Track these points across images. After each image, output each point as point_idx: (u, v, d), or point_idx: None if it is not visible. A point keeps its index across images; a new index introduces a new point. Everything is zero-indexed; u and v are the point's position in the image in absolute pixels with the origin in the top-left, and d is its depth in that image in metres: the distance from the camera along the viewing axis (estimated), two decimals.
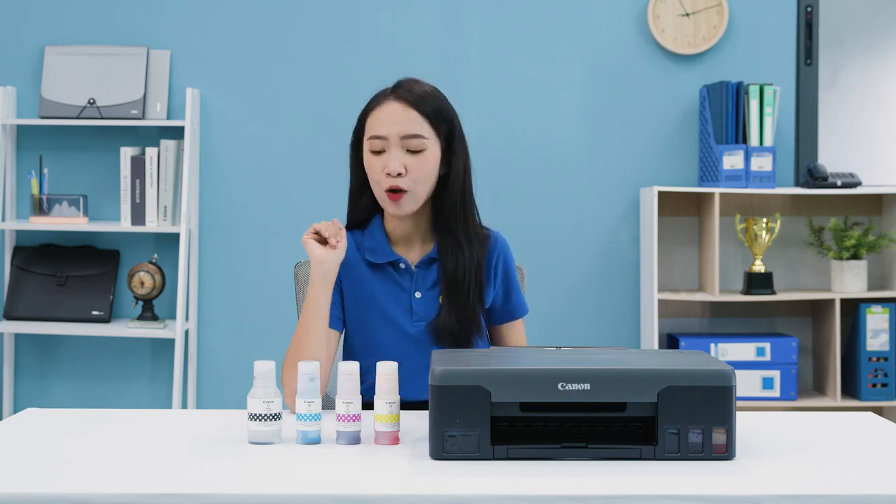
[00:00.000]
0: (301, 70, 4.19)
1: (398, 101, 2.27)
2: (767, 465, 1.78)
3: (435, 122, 2.27)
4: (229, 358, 4.21)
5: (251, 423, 1.91)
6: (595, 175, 4.18)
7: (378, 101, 2.30)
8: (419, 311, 2.30)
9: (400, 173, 2.23)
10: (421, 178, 2.26)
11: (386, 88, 2.32)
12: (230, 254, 4.21)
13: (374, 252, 2.32)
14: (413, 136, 2.25)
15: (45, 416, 2.16)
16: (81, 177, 4.21)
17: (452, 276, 2.28)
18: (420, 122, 2.26)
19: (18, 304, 4.15)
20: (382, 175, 2.25)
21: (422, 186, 2.27)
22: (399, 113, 2.26)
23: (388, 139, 2.25)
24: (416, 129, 2.25)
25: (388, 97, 2.28)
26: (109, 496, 1.61)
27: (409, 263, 2.32)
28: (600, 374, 1.79)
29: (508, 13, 4.17)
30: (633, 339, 4.14)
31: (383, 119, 2.26)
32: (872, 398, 3.95)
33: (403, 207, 2.27)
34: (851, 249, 3.98)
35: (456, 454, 1.78)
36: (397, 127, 2.25)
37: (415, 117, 2.26)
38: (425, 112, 2.26)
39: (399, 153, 2.24)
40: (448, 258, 2.29)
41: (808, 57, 4.17)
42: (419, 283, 2.31)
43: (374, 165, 2.27)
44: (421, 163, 2.25)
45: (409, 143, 2.25)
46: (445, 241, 2.31)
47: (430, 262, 2.32)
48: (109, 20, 4.19)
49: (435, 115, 2.27)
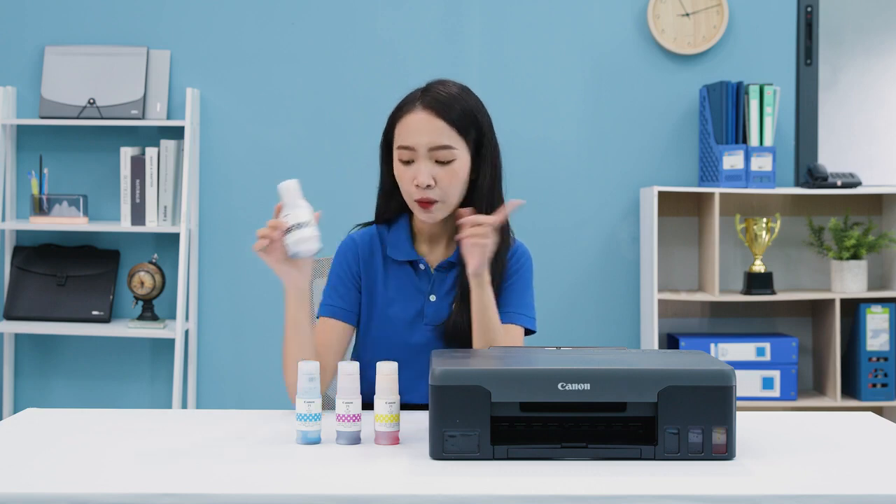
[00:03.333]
0: (301, 70, 4.19)
1: (425, 111, 2.21)
2: (767, 465, 1.78)
3: (463, 129, 2.23)
4: (229, 358, 4.21)
5: (287, 235, 2.07)
6: (595, 175, 4.18)
7: (407, 107, 2.24)
8: (430, 315, 2.27)
9: (429, 185, 2.20)
10: (450, 188, 2.23)
11: (415, 91, 2.27)
12: (230, 254, 4.21)
13: (396, 248, 2.30)
14: (441, 148, 2.21)
15: (45, 416, 2.16)
16: (81, 177, 4.21)
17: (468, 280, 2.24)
18: (448, 133, 2.21)
19: (18, 304, 4.15)
20: (412, 186, 2.22)
21: (452, 195, 2.24)
22: (426, 123, 2.21)
23: (416, 150, 2.21)
24: (444, 140, 2.21)
25: (415, 104, 2.23)
26: (109, 496, 1.61)
27: (428, 266, 2.30)
28: (600, 374, 1.79)
29: (508, 12, 4.17)
30: (633, 339, 4.14)
31: (411, 129, 2.22)
32: (872, 398, 3.95)
33: (435, 215, 2.24)
34: (851, 249, 3.98)
35: (456, 454, 1.78)
36: (425, 138, 2.21)
37: (442, 127, 2.21)
38: (452, 120, 2.22)
39: (428, 165, 2.21)
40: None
41: (808, 57, 4.17)
42: (436, 287, 2.29)
43: (403, 175, 2.23)
44: (450, 173, 2.22)
45: (438, 155, 2.21)
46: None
47: (450, 267, 2.29)
48: (109, 20, 4.19)
49: (463, 122, 2.23)
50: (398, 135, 2.24)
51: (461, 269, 2.26)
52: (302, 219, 2.06)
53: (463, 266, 2.24)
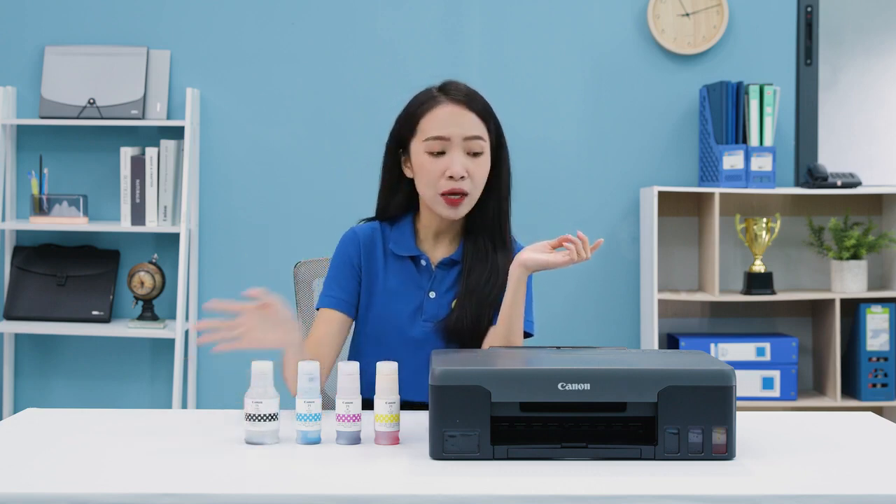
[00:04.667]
0: (301, 70, 4.19)
1: (454, 104, 2.24)
2: (767, 465, 1.78)
3: (488, 123, 2.27)
4: (229, 358, 4.18)
5: (248, 423, 1.91)
6: (595, 175, 4.18)
7: (431, 102, 2.25)
8: (429, 312, 2.27)
9: (463, 176, 2.22)
10: (480, 180, 2.25)
11: (430, 89, 2.28)
12: (230, 254, 4.21)
13: (398, 243, 2.30)
14: (475, 138, 2.23)
15: (45, 416, 2.16)
16: (81, 177, 4.21)
17: (475, 284, 2.25)
18: (478, 123, 2.25)
19: (18, 304, 4.15)
20: (441, 178, 2.22)
21: (479, 189, 2.26)
22: (459, 115, 2.23)
23: (450, 140, 2.22)
24: (476, 130, 2.24)
25: (441, 98, 2.25)
26: (109, 496, 1.61)
27: (430, 262, 2.30)
28: (600, 374, 1.79)
29: (508, 12, 4.17)
30: (633, 339, 4.14)
31: (444, 120, 2.23)
32: (872, 398, 3.95)
33: (461, 210, 2.25)
34: (851, 249, 3.98)
35: (456, 454, 1.78)
36: (459, 129, 2.23)
37: (473, 118, 2.24)
38: (479, 112, 2.25)
39: (461, 156, 2.22)
40: (474, 264, 2.27)
41: (808, 57, 4.17)
42: (436, 284, 2.29)
43: (431, 168, 2.23)
44: (481, 165, 2.25)
45: (471, 145, 2.23)
46: (475, 245, 2.29)
47: (452, 264, 2.30)
48: (109, 20, 4.19)
49: (487, 116, 2.27)
50: (426, 128, 2.24)
51: (462, 268, 2.26)
52: (274, 410, 1.93)
53: (464, 264, 2.25)
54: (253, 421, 1.90)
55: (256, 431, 1.90)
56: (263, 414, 1.90)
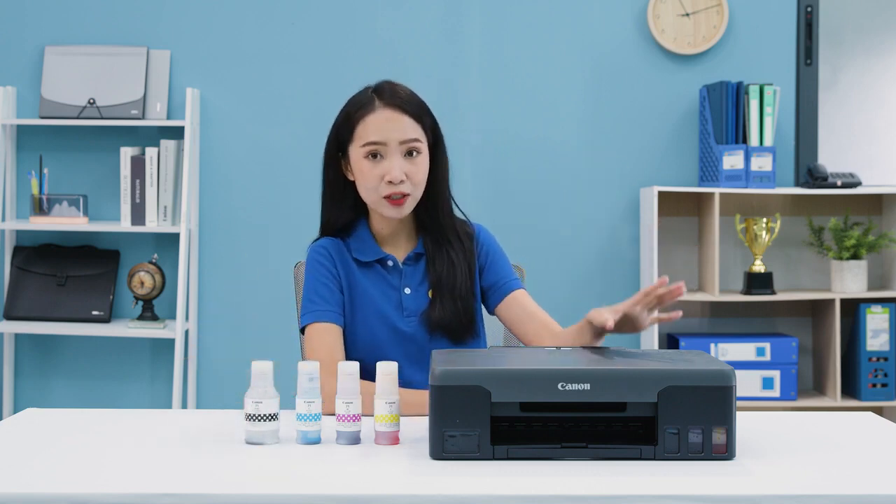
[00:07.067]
0: (301, 70, 4.19)
1: (390, 108, 2.28)
2: (767, 465, 1.78)
3: (423, 123, 2.30)
4: (229, 358, 4.21)
5: (247, 423, 1.91)
6: (595, 175, 4.18)
7: (368, 107, 2.29)
8: (409, 307, 2.32)
9: (402, 180, 2.26)
10: (420, 179, 2.29)
11: (365, 91, 2.32)
12: (230, 254, 4.21)
13: (361, 251, 2.34)
14: (412, 141, 2.27)
15: (45, 416, 2.16)
16: (81, 177, 4.21)
17: (441, 270, 2.31)
18: (414, 126, 2.28)
19: (18, 304, 4.15)
20: (380, 182, 2.26)
21: (420, 188, 2.30)
22: (394, 119, 2.27)
23: (387, 145, 2.26)
24: (412, 133, 2.28)
25: (377, 104, 2.28)
26: (109, 496, 1.61)
27: (396, 260, 2.34)
28: (600, 374, 1.79)
29: (508, 12, 4.17)
30: (633, 339, 4.13)
31: (380, 125, 2.27)
32: (872, 398, 3.95)
33: (404, 209, 2.30)
34: (851, 249, 3.98)
35: (456, 454, 1.78)
36: (396, 133, 2.26)
37: (409, 122, 2.28)
38: (415, 115, 2.29)
39: (399, 159, 2.26)
40: (436, 252, 2.33)
41: (808, 57, 4.17)
42: (408, 280, 2.33)
43: (371, 173, 2.27)
44: (419, 166, 2.29)
45: (408, 147, 2.27)
46: (433, 235, 2.35)
47: (417, 258, 2.35)
48: (109, 20, 4.19)
49: (421, 116, 2.30)
50: (363, 134, 2.28)
51: (427, 259, 2.33)
52: (274, 410, 1.92)
53: (429, 256, 2.33)
54: (253, 421, 1.90)
55: (256, 431, 1.90)
56: (263, 414, 1.90)
